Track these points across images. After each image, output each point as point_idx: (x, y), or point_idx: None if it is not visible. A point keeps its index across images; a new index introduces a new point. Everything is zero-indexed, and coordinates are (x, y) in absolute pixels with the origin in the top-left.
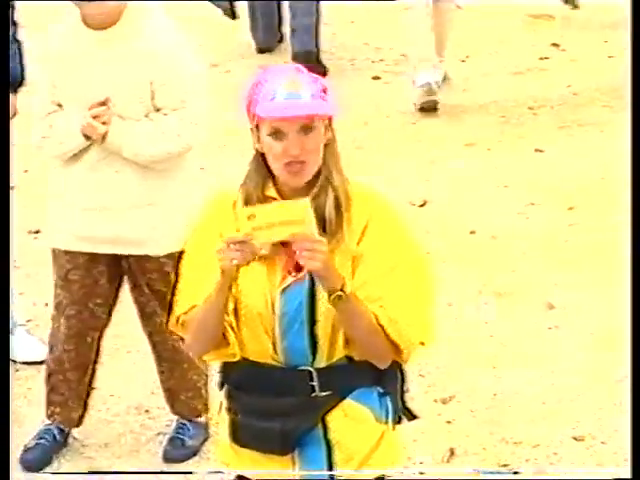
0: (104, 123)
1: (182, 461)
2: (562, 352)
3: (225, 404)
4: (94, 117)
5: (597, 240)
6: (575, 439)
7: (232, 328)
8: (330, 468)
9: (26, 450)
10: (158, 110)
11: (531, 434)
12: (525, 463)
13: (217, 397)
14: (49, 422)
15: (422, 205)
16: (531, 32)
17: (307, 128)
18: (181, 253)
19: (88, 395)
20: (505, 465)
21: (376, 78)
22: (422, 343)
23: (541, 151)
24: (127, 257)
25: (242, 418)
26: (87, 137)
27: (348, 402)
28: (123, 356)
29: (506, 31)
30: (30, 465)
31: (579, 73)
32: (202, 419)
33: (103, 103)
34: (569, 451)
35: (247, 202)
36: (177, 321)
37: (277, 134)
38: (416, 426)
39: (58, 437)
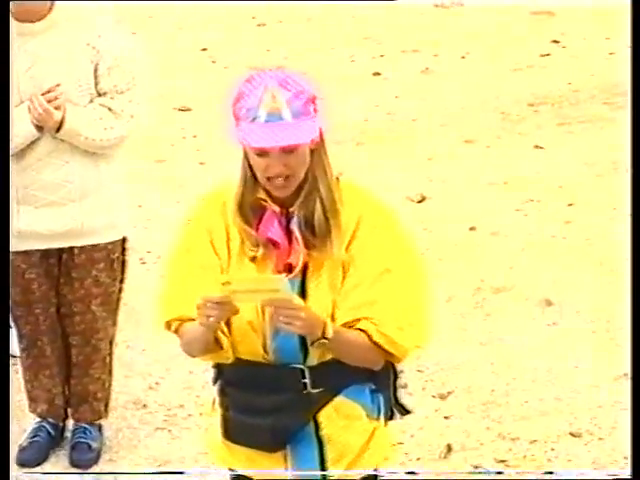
0: (57, 109)
1: (91, 466)
2: (560, 349)
3: (218, 400)
4: (49, 102)
5: (596, 237)
6: (573, 435)
7: (224, 333)
8: (322, 465)
9: (21, 450)
10: (101, 95)
11: (528, 430)
12: (522, 459)
13: (209, 393)
14: (39, 419)
15: (420, 201)
16: (531, 29)
17: (289, 149)
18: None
19: (69, 389)
20: (502, 461)
21: (376, 74)
22: (417, 346)
23: (541, 148)
24: (71, 250)
25: (234, 414)
26: (38, 128)
27: (340, 399)
28: (122, 351)
29: (506, 28)
30: (26, 464)
31: (579, 70)
32: (99, 421)
33: (49, 91)
34: (566, 447)
35: (239, 204)
36: (169, 326)
37: (260, 153)
38: (414, 422)
39: (53, 433)
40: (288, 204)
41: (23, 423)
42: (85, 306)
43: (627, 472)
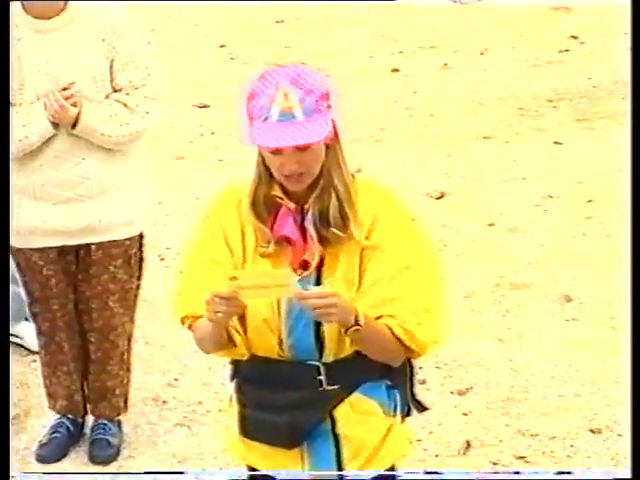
0: (73, 105)
1: (110, 462)
2: (580, 345)
3: (235, 397)
4: (65, 98)
5: (615, 233)
6: (592, 432)
7: (237, 331)
8: (339, 461)
9: (41, 446)
10: (116, 91)
11: (548, 426)
12: (542, 456)
13: (227, 390)
14: (59, 416)
15: (440, 197)
16: (550, 25)
17: (303, 146)
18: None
19: (87, 385)
20: (521, 457)
21: (395, 71)
22: (436, 342)
23: (560, 144)
24: (88, 247)
25: (251, 411)
26: (54, 125)
27: (356, 396)
28: (141, 347)
29: (525, 24)
30: (46, 460)
31: (598, 66)
32: (119, 418)
33: (65, 88)
34: (586, 444)
35: (253, 201)
36: (183, 322)
37: (274, 151)
38: (432, 418)
39: (72, 429)
40: (303, 200)
41: (43, 419)
42: (102, 303)
43: (627, 472)
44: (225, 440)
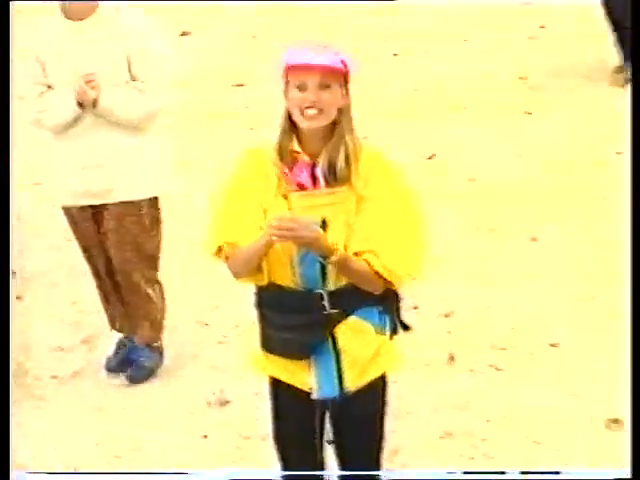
0: (93, 89)
1: (142, 380)
2: (543, 276)
3: (258, 319)
4: (86, 83)
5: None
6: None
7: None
8: (339, 370)
9: (108, 359)
10: (134, 80)
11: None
12: (514, 367)
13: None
14: (121, 335)
15: (430, 158)
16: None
17: (325, 84)
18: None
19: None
20: (498, 370)
21: (395, 55)
22: (411, 276)
23: (529, 114)
24: (109, 206)
25: (270, 330)
26: (80, 105)
27: (353, 318)
28: (186, 278)
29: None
30: (112, 370)
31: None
32: (157, 344)
33: (88, 74)
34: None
35: (280, 155)
36: (219, 250)
37: (300, 87)
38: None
39: (130, 345)
40: (316, 155)
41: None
42: (122, 252)
43: (627, 472)
44: (250, 355)
